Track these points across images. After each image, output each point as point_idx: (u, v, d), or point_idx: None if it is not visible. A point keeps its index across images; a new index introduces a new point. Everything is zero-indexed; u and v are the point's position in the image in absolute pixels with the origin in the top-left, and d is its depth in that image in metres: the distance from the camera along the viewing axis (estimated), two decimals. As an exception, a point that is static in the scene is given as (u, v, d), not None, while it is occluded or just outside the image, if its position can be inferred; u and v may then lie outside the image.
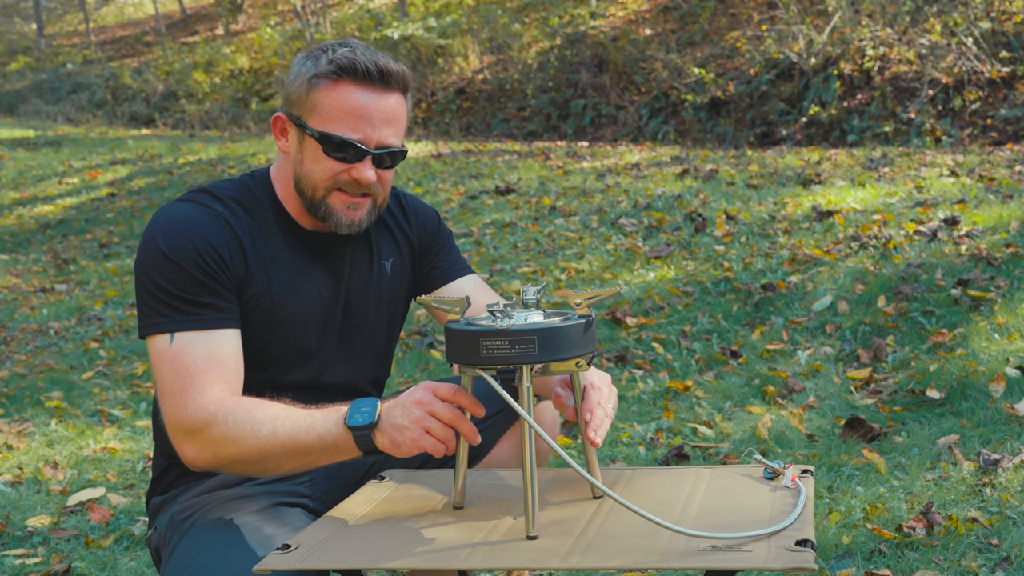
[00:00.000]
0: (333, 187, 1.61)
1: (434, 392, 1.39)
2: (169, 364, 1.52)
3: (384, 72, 1.58)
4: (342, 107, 1.58)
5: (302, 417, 1.46)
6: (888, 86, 8.49)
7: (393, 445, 1.39)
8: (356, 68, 1.57)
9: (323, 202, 1.62)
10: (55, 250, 7.99)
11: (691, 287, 4.59)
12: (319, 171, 1.60)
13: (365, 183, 1.60)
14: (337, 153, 1.59)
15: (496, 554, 1.26)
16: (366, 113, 1.58)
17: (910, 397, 3.21)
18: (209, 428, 1.48)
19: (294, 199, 1.66)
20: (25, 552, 2.62)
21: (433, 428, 1.37)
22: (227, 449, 1.48)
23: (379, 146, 1.61)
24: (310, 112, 1.59)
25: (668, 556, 1.21)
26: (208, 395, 1.49)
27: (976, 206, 5.06)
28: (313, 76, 1.59)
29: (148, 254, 1.56)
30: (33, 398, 4.21)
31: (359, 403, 1.44)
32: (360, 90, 1.58)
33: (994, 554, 2.17)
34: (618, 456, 2.96)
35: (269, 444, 1.45)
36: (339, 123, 1.58)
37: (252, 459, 1.48)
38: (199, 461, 1.52)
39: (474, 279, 1.83)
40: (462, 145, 10.39)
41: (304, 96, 1.60)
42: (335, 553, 1.29)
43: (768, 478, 1.48)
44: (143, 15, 22.14)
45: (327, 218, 1.63)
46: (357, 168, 1.60)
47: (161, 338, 1.53)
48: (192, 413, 1.49)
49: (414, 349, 4.33)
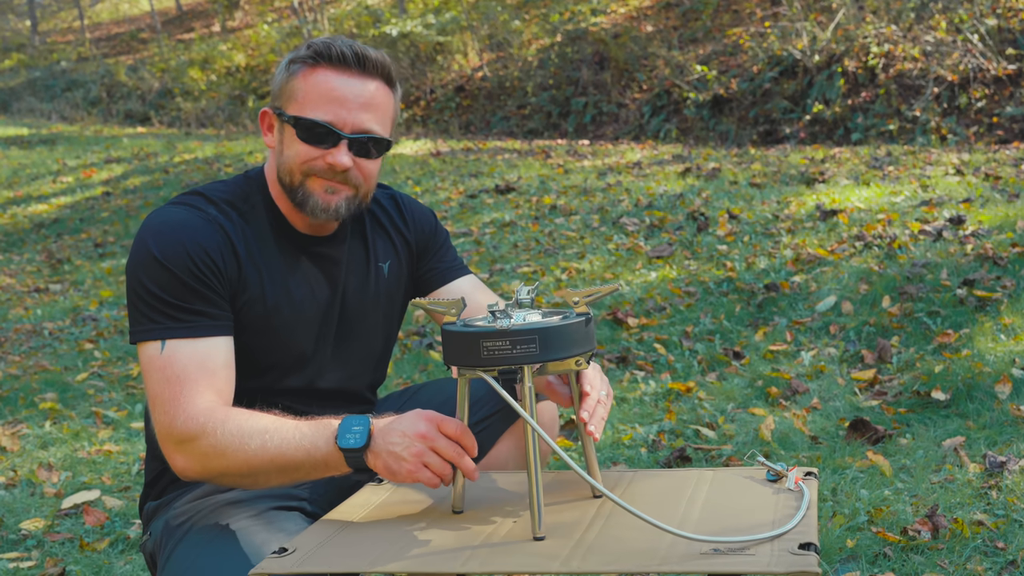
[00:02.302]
0: (309, 172, 1.59)
1: (439, 427, 1.37)
2: (160, 372, 1.49)
3: (360, 56, 1.58)
4: (317, 91, 1.57)
5: (291, 431, 1.44)
6: (893, 84, 8.46)
7: (388, 471, 1.38)
8: (331, 52, 1.57)
9: (300, 187, 1.59)
10: (49, 250, 7.97)
11: (693, 287, 4.57)
12: (293, 156, 1.58)
13: (340, 168, 1.58)
14: (311, 137, 1.57)
15: (496, 557, 1.25)
16: (340, 96, 1.57)
17: (915, 398, 3.19)
18: (198, 440, 1.46)
19: (282, 196, 1.65)
20: (19, 556, 2.60)
21: (432, 463, 1.36)
22: (215, 462, 1.46)
23: (355, 131, 1.58)
24: (288, 100, 1.59)
25: (670, 559, 1.20)
26: (198, 405, 1.47)
27: (982, 205, 5.04)
28: (290, 62, 1.59)
29: (140, 259, 1.54)
30: (27, 399, 4.18)
31: (349, 421, 1.41)
32: (336, 74, 1.58)
33: (1000, 557, 2.16)
34: (619, 458, 2.94)
35: (258, 459, 1.44)
36: (313, 107, 1.57)
37: (241, 472, 1.46)
38: (189, 472, 1.50)
39: (472, 280, 1.82)
40: (461, 143, 10.37)
41: (284, 85, 1.60)
42: (332, 557, 1.28)
43: (771, 480, 1.47)
44: (138, 12, 22.10)
45: (304, 204, 1.60)
46: (331, 153, 1.57)
47: (152, 345, 1.51)
48: (182, 423, 1.47)
49: (413, 350, 4.31)
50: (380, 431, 1.38)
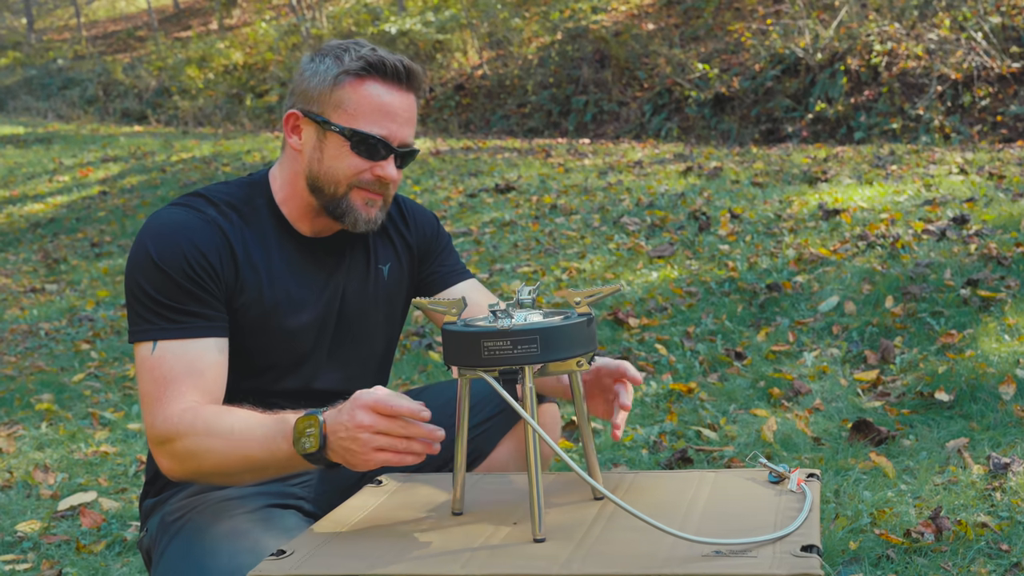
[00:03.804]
0: (355, 184, 1.61)
1: (374, 410, 1.33)
2: (149, 372, 1.52)
3: (410, 72, 1.61)
4: (371, 104, 1.59)
5: (256, 431, 1.44)
6: (896, 82, 8.44)
7: (349, 465, 1.37)
8: (385, 66, 1.59)
9: (344, 198, 1.62)
10: (45, 249, 7.94)
11: (695, 287, 4.56)
12: (343, 168, 1.60)
13: (388, 180, 1.62)
14: (365, 150, 1.59)
15: (496, 559, 1.25)
16: (392, 111, 1.60)
17: (918, 399, 3.18)
18: (174, 442, 1.48)
19: (298, 199, 1.65)
20: (15, 558, 2.59)
21: (384, 445, 1.34)
22: (191, 464, 1.49)
23: (402, 144, 1.63)
24: (335, 109, 1.60)
25: (671, 562, 1.20)
26: (176, 406, 1.49)
27: (986, 204, 5.03)
28: (341, 73, 1.59)
29: (138, 260, 1.57)
30: (23, 400, 4.17)
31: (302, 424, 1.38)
32: (387, 88, 1.60)
33: (1004, 560, 2.14)
34: (620, 460, 2.93)
35: (228, 461, 1.46)
36: (367, 120, 1.59)
37: (216, 472, 1.48)
38: (172, 472, 1.52)
39: (474, 283, 1.83)
40: (461, 142, 10.35)
41: (327, 92, 1.60)
42: (331, 559, 1.28)
43: (773, 482, 1.46)
44: (135, 9, 22.06)
45: (345, 215, 1.62)
46: (381, 166, 1.61)
47: (145, 346, 1.54)
48: (160, 424, 1.49)
49: (412, 351, 4.30)
50: (331, 429, 1.36)
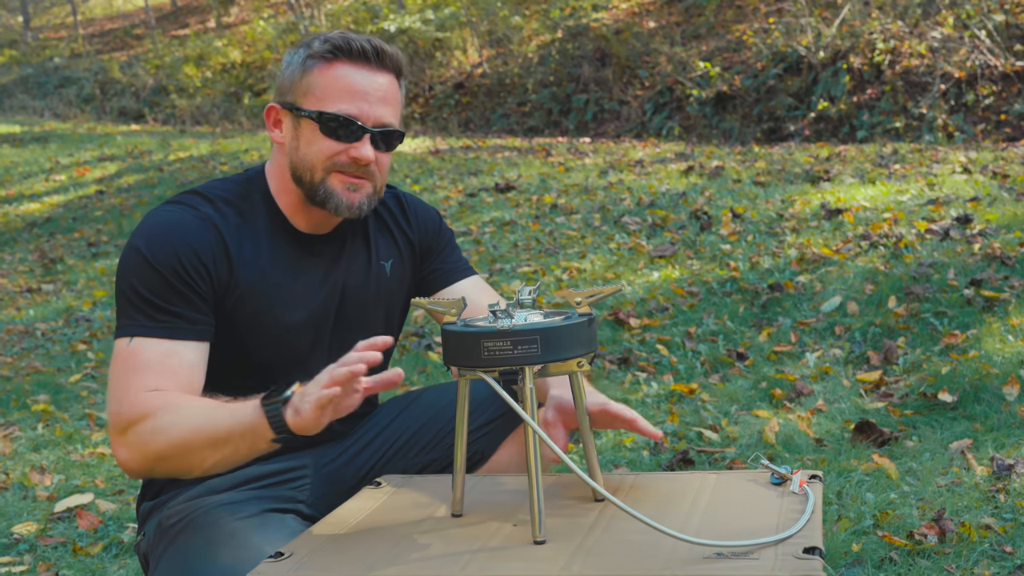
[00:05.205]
0: (332, 168, 1.59)
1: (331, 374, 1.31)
2: (122, 363, 1.51)
3: (379, 51, 1.60)
4: (338, 85, 1.58)
5: (223, 406, 1.44)
6: (899, 80, 8.42)
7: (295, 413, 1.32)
8: (351, 47, 1.58)
9: (322, 184, 1.60)
10: (42, 249, 7.92)
11: (696, 287, 4.54)
12: (316, 152, 1.59)
13: (364, 162, 1.59)
14: (335, 131, 1.58)
15: (496, 561, 1.24)
16: (362, 90, 1.58)
17: (922, 400, 3.16)
18: (139, 423, 1.46)
19: (290, 193, 1.64)
20: (11, 560, 2.57)
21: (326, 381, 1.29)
22: (152, 445, 1.45)
23: (376, 124, 1.60)
24: (304, 95, 1.59)
25: (672, 564, 1.19)
26: (144, 392, 1.47)
27: (989, 204, 5.02)
28: (307, 58, 1.59)
29: (131, 258, 1.56)
30: (19, 401, 4.15)
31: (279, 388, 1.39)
32: (355, 68, 1.59)
33: (1008, 562, 2.14)
34: (621, 461, 2.92)
35: (190, 434, 1.43)
36: (336, 101, 1.58)
37: (175, 453, 1.45)
38: (131, 463, 1.49)
39: (476, 281, 1.81)
40: (461, 141, 10.34)
41: (298, 80, 1.60)
42: (329, 562, 1.28)
43: (775, 484, 1.46)
44: (132, 7, 22.00)
45: (326, 201, 1.60)
46: (355, 147, 1.59)
47: (123, 340, 1.53)
48: (127, 409, 1.47)
49: (411, 351, 4.28)
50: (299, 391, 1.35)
